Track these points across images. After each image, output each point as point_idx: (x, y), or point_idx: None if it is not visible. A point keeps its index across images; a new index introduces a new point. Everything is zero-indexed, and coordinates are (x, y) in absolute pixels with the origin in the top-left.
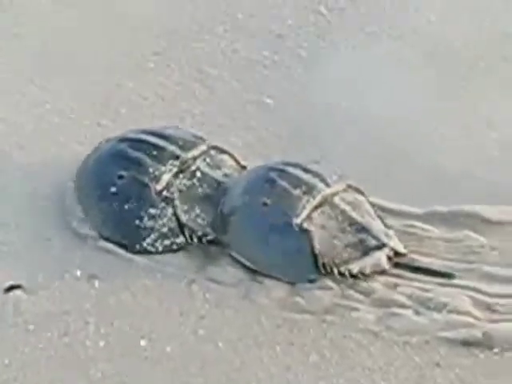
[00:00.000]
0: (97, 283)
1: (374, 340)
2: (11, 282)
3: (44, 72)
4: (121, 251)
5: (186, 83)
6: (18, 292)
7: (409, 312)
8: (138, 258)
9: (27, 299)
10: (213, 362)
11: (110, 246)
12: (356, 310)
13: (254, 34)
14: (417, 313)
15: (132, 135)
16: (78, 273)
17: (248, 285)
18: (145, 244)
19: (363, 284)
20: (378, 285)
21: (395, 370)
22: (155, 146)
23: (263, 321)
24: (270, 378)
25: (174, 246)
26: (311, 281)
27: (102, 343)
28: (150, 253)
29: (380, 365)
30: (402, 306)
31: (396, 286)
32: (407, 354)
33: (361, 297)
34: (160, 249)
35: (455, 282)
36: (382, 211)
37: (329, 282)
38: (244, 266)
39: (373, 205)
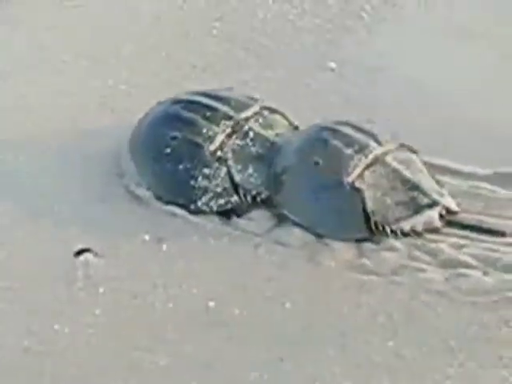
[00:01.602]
0: (165, 246)
1: (442, 300)
2: (81, 246)
3: (98, 46)
4: (188, 215)
5: (235, 51)
6: (87, 255)
7: (476, 272)
8: (204, 222)
9: (97, 263)
10: (280, 324)
11: (176, 210)
12: (423, 270)
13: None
14: (484, 273)
15: (184, 97)
16: (146, 236)
17: (314, 247)
18: (199, 204)
19: (430, 245)
20: (444, 246)
21: (463, 330)
22: (208, 107)
23: (330, 282)
24: (338, 338)
25: (229, 206)
26: (362, 240)
27: (170, 305)
28: (204, 212)
29: (448, 325)
30: (470, 266)
31: (463, 246)
32: (475, 314)
33: (428, 258)
34: (214, 208)
35: None
36: (444, 172)
37: (396, 243)
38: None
39: (431, 165)
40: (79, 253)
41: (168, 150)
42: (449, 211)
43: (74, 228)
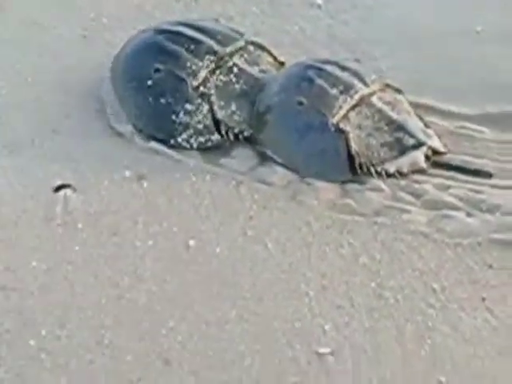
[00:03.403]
0: (145, 183)
1: (425, 242)
2: (60, 182)
3: None
4: (170, 152)
5: None
6: (67, 191)
7: (461, 214)
8: (186, 159)
9: (76, 198)
10: (261, 263)
11: (158, 147)
12: (407, 211)
13: None
14: (469, 215)
15: (169, 27)
16: (127, 173)
17: (297, 186)
18: (179, 139)
19: (415, 186)
20: (429, 186)
21: (446, 272)
22: (193, 40)
23: (312, 222)
24: (319, 278)
25: (209, 144)
26: (346, 181)
27: (150, 242)
28: (184, 148)
29: (431, 267)
30: (454, 207)
31: (448, 187)
32: (459, 256)
33: (412, 199)
34: (194, 145)
35: (509, 183)
36: (430, 112)
37: (380, 184)
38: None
39: (417, 105)
40: (58, 188)
41: (150, 82)
42: (435, 152)
43: (54, 164)
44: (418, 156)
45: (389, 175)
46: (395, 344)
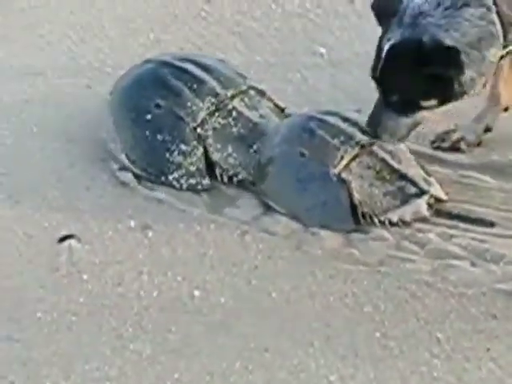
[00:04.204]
0: (150, 233)
1: (429, 291)
2: (65, 232)
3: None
4: (174, 201)
5: (223, 35)
6: (71, 242)
7: (465, 263)
8: (191, 209)
9: (81, 249)
10: (266, 313)
11: (162, 195)
12: (411, 261)
13: None
14: (473, 264)
15: (175, 61)
16: (132, 223)
17: (301, 236)
18: (170, 178)
19: (418, 235)
20: (433, 236)
21: (451, 322)
22: (196, 79)
23: (316, 272)
24: (323, 328)
25: (199, 187)
26: (350, 230)
27: (155, 293)
28: (173, 188)
29: (435, 316)
30: (458, 257)
31: (451, 236)
32: (463, 306)
33: (416, 248)
34: (184, 186)
35: None
36: (432, 160)
37: (384, 233)
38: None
39: (418, 153)
40: (63, 239)
41: (149, 117)
42: (437, 200)
43: (58, 214)
44: (421, 204)
45: (392, 224)
46: None
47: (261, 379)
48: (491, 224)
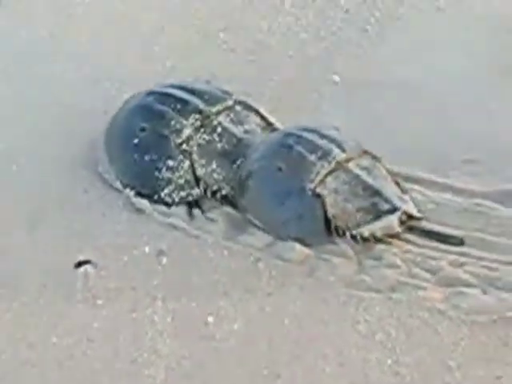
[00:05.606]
0: (164, 259)
1: (441, 319)
2: (81, 258)
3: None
4: (188, 227)
5: (239, 63)
6: (87, 267)
7: (476, 291)
8: (204, 235)
9: (96, 274)
10: (279, 339)
11: (177, 222)
12: (422, 288)
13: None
14: (484, 292)
15: (159, 89)
16: (146, 249)
17: (314, 262)
18: (162, 194)
19: (430, 262)
20: (444, 263)
21: (462, 349)
22: (180, 100)
23: (329, 298)
24: (335, 355)
25: (190, 198)
26: (324, 244)
27: (169, 319)
28: (166, 203)
29: (447, 343)
30: (469, 284)
31: (463, 264)
32: (474, 334)
33: (427, 275)
34: (176, 200)
35: None
36: (446, 189)
37: (396, 260)
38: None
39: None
40: (79, 265)
41: (136, 141)
42: (410, 217)
43: (74, 240)
44: (393, 220)
45: (364, 239)
46: None
47: None
48: (460, 242)
